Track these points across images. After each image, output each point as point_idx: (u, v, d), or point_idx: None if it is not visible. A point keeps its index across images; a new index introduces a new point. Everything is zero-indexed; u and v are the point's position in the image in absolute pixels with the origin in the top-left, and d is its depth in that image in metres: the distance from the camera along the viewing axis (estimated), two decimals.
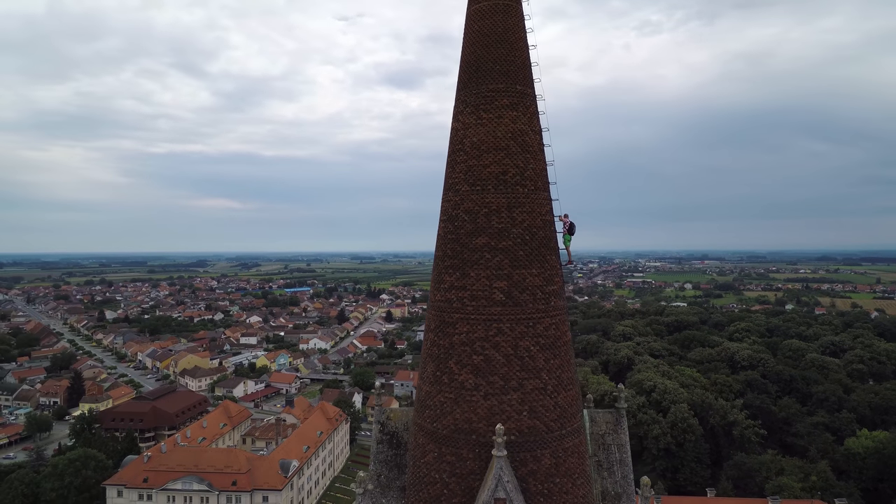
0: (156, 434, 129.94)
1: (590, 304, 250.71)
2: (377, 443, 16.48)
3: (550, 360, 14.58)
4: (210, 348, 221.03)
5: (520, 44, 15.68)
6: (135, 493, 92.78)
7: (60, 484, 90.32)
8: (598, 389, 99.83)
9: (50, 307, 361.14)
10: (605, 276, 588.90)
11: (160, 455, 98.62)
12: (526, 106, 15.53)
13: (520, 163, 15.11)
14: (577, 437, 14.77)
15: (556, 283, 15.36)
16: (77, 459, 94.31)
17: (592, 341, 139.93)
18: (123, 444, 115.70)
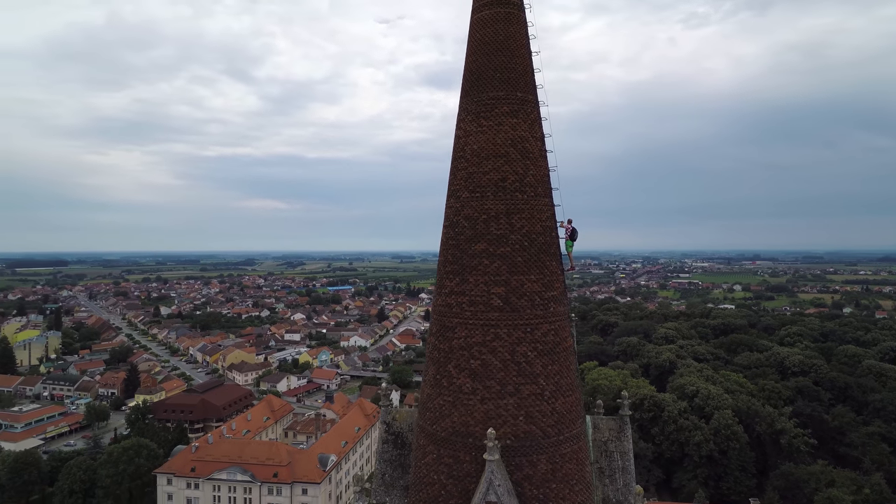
0: (204, 425, 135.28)
1: (632, 305, 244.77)
2: (382, 442, 16.96)
3: (548, 365, 14.65)
4: (256, 344, 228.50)
5: (521, 51, 15.79)
6: (183, 482, 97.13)
7: (115, 471, 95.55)
8: (636, 393, 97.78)
9: (110, 303, 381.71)
10: (649, 276, 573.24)
11: (207, 446, 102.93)
12: (527, 113, 15.64)
13: (519, 169, 15.24)
14: (575, 443, 14.78)
15: (557, 289, 15.40)
16: (131, 448, 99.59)
17: (633, 343, 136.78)
18: (174, 434, 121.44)
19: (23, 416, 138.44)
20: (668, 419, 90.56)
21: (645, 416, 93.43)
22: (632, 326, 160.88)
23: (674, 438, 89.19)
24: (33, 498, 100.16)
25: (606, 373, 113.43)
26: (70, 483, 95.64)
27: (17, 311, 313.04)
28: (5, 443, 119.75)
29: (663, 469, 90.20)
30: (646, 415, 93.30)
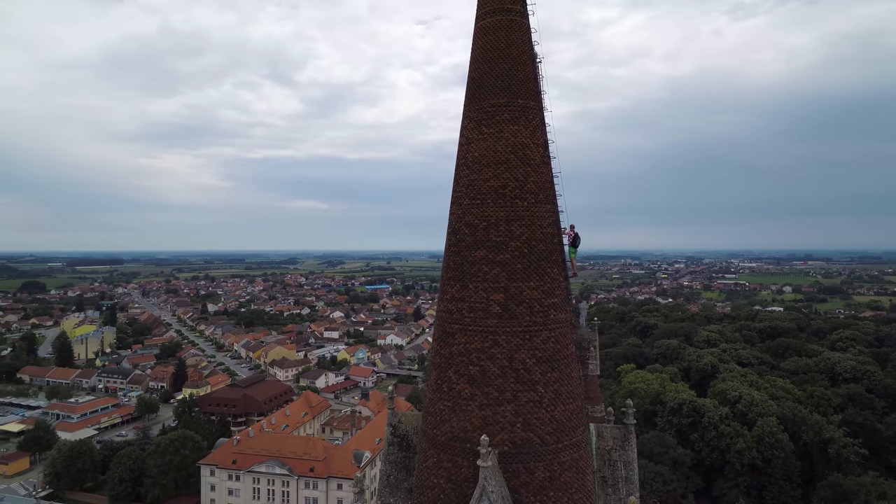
0: (246, 419, 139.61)
1: (673, 306, 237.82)
2: (388, 444, 17.29)
3: (547, 373, 14.61)
4: (297, 341, 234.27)
5: (523, 58, 15.77)
6: (225, 474, 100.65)
7: (162, 461, 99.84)
8: (675, 398, 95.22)
9: (161, 300, 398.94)
10: (693, 277, 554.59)
11: (248, 439, 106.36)
12: (528, 119, 15.62)
13: (520, 176, 15.25)
14: (575, 451, 14.69)
15: (558, 297, 15.33)
16: (177, 439, 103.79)
17: (673, 346, 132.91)
18: (217, 427, 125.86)
19: (79, 408, 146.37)
20: (709, 425, 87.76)
21: (684, 421, 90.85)
22: (672, 328, 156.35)
23: (714, 445, 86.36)
24: (87, 485, 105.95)
25: (644, 376, 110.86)
26: (120, 472, 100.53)
27: (76, 307, 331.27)
28: (62, 432, 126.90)
29: (703, 476, 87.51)
30: (685, 420, 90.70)
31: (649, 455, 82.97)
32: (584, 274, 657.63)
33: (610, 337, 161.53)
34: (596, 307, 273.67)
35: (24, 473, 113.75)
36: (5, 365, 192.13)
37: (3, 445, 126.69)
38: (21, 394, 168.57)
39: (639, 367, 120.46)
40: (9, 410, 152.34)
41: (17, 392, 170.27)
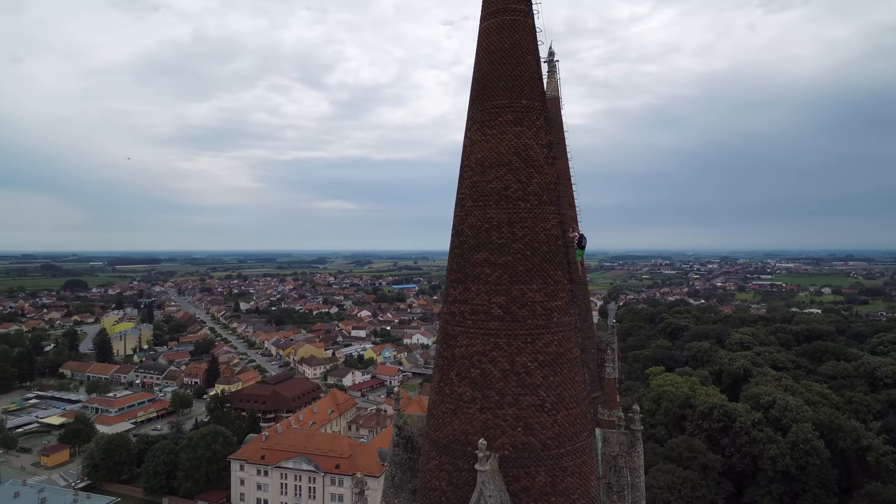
0: (275, 415, 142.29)
1: (705, 307, 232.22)
2: (393, 445, 17.37)
3: (550, 377, 14.43)
4: (325, 340, 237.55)
5: (527, 58, 15.60)
6: (254, 468, 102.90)
7: (194, 455, 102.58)
8: (705, 402, 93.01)
9: (196, 298, 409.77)
10: (726, 277, 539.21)
11: (276, 435, 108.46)
12: (532, 120, 15.45)
13: (522, 178, 15.10)
14: (578, 456, 14.46)
15: (561, 299, 15.12)
16: (208, 434, 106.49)
17: (704, 349, 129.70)
18: (247, 422, 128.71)
19: (116, 402, 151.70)
20: (741, 430, 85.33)
21: (714, 425, 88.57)
22: (703, 330, 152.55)
23: (746, 451, 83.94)
24: (123, 477, 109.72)
25: (673, 379, 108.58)
26: (155, 465, 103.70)
27: (116, 305, 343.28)
28: (101, 426, 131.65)
29: (734, 483, 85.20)
30: (715, 425, 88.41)
31: (678, 460, 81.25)
32: (613, 274, 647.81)
33: (638, 339, 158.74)
34: (624, 308, 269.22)
35: (65, 465, 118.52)
36: (49, 360, 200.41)
37: (45, 438, 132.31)
38: (63, 388, 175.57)
39: (668, 370, 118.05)
40: (51, 404, 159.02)
41: (60, 386, 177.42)
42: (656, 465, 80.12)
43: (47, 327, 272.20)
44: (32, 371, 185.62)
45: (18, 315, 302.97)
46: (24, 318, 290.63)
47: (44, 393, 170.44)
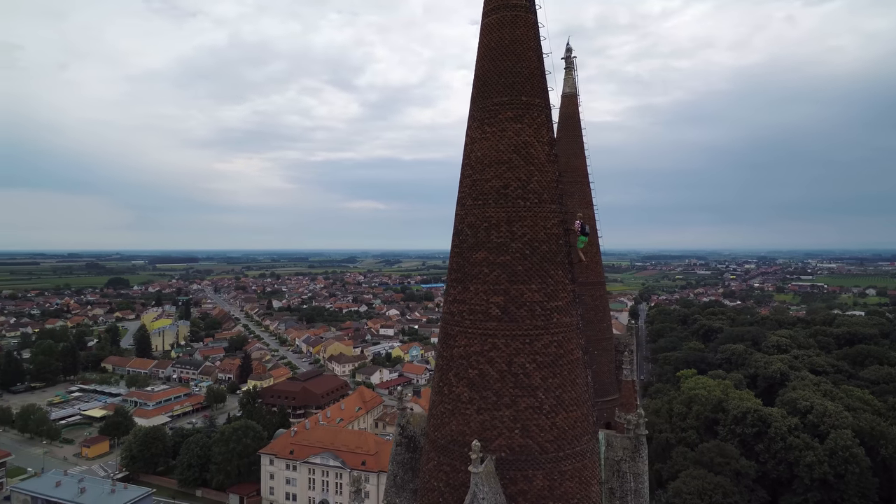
0: (304, 412, 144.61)
1: (741, 309, 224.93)
2: (396, 445, 17.34)
3: (548, 378, 14.15)
4: (354, 337, 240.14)
5: (528, 54, 15.31)
6: (283, 463, 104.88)
7: (226, 449, 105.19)
8: (739, 406, 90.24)
9: (231, 296, 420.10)
10: (764, 278, 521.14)
11: (304, 431, 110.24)
12: (532, 117, 15.16)
13: (522, 176, 14.83)
14: (578, 460, 14.14)
15: (562, 300, 14.80)
16: (240, 429, 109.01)
17: (738, 351, 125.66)
18: (277, 418, 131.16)
19: (154, 396, 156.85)
20: (776, 436, 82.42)
21: (748, 431, 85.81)
22: (738, 333, 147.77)
23: (781, 457, 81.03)
24: (159, 469, 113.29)
25: (705, 382, 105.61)
26: (189, 457, 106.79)
27: (156, 302, 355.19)
28: (139, 419, 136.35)
29: (768, 490, 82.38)
30: (749, 430, 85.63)
31: (709, 465, 79.09)
32: (645, 274, 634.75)
33: (670, 340, 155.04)
34: (656, 309, 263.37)
35: (104, 456, 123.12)
36: (92, 355, 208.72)
37: (87, 430, 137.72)
38: (104, 382, 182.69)
39: (700, 373, 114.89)
40: (93, 397, 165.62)
41: (101, 380, 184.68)
42: (686, 470, 78.17)
43: (91, 323, 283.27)
44: (76, 365, 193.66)
45: (64, 311, 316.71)
46: (70, 315, 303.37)
47: (86, 386, 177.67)
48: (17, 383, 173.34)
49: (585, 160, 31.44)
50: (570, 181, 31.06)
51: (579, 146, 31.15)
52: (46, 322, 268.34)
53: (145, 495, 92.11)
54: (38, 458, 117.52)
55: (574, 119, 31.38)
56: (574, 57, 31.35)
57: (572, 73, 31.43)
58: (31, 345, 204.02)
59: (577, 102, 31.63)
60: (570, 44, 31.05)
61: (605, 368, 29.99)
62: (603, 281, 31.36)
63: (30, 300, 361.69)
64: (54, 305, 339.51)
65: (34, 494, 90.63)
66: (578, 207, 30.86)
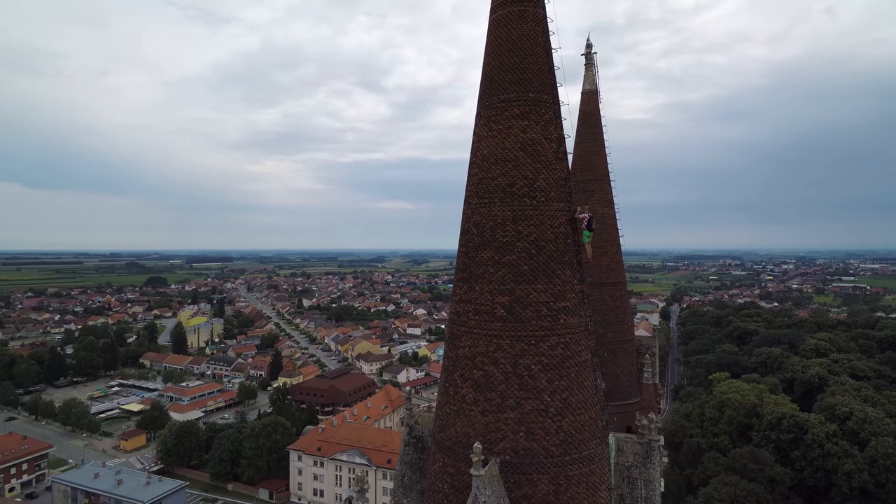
0: (332, 409, 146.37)
1: (778, 311, 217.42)
2: (404, 445, 17.26)
3: (555, 380, 13.82)
4: (382, 336, 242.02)
5: (535, 49, 14.99)
6: (310, 459, 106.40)
7: (256, 444, 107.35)
8: (774, 411, 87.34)
9: (263, 294, 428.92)
10: (803, 279, 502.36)
11: (332, 428, 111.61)
12: (540, 114, 14.83)
13: (529, 174, 14.53)
14: (586, 465, 13.77)
15: (569, 300, 14.45)
16: (269, 425, 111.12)
17: (774, 355, 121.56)
18: (306, 415, 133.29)
19: (189, 391, 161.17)
20: (813, 442, 79.47)
21: (784, 437, 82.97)
22: (774, 335, 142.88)
23: (818, 465, 78.09)
24: (193, 463, 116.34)
25: (739, 386, 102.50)
26: (221, 452, 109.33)
27: (192, 300, 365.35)
28: (174, 413, 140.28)
29: (805, 498, 79.51)
30: (784, 436, 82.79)
31: (742, 472, 76.75)
32: (677, 275, 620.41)
33: (702, 342, 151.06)
34: (688, 310, 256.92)
35: (141, 449, 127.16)
36: (130, 351, 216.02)
37: (125, 423, 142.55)
38: (142, 377, 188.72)
39: (733, 377, 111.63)
40: (131, 392, 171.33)
41: (139, 375, 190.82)
42: (718, 476, 76.05)
43: (130, 320, 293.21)
44: (116, 361, 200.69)
45: (105, 309, 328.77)
46: (111, 312, 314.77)
47: (125, 381, 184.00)
48: (61, 378, 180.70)
49: (606, 158, 30.83)
50: (590, 179, 30.56)
51: (599, 144, 30.57)
52: (89, 319, 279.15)
53: (179, 488, 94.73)
54: (79, 451, 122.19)
55: (594, 116, 30.81)
56: (594, 53, 30.76)
57: (592, 69, 30.85)
58: (74, 341, 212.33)
59: (598, 99, 31.04)
60: (590, 39, 30.52)
61: (625, 371, 29.36)
62: (623, 281, 30.69)
63: (73, 298, 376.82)
64: (96, 303, 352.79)
65: (74, 485, 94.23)
66: (599, 206, 30.31)
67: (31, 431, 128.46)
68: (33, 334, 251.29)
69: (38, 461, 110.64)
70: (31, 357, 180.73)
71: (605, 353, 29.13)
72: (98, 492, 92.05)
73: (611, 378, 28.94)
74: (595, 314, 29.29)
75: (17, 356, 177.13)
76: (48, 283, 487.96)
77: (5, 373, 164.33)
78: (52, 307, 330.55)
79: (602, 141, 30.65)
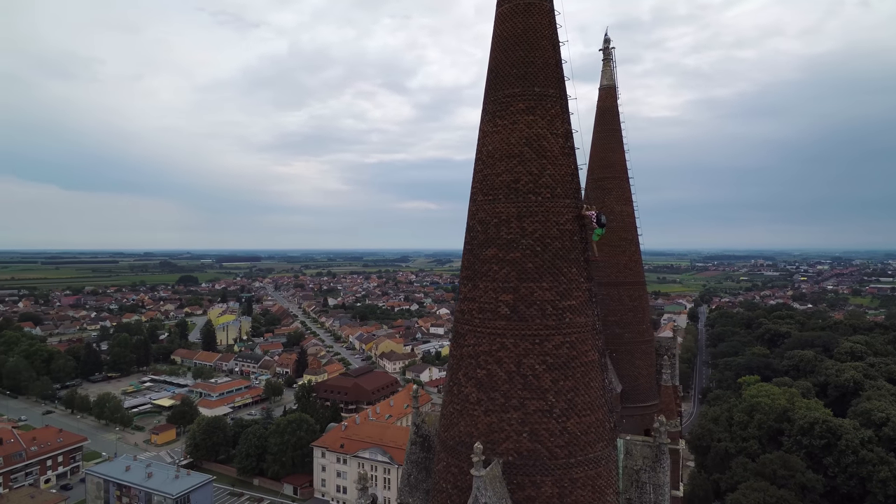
0: (356, 407, 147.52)
1: (811, 313, 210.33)
2: (411, 444, 17.16)
3: (559, 381, 13.51)
4: (405, 335, 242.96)
5: (541, 43, 14.67)
6: (334, 456, 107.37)
7: (281, 440, 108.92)
8: (806, 416, 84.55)
9: (290, 293, 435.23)
10: (839, 280, 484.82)
11: (355, 426, 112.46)
12: (545, 108, 14.51)
13: (534, 169, 14.24)
14: (592, 468, 13.43)
15: (575, 299, 14.10)
16: (294, 421, 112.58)
17: (807, 358, 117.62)
18: (330, 412, 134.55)
19: (217, 387, 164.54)
20: (847, 448, 76.61)
21: (816, 442, 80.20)
22: (808, 338, 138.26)
23: (852, 472, 75.23)
24: (220, 457, 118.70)
25: (769, 389, 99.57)
26: (247, 447, 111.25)
27: (221, 298, 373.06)
28: (203, 409, 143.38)
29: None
30: (817, 441, 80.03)
31: (772, 477, 74.49)
32: (706, 275, 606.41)
33: (731, 344, 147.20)
34: (717, 311, 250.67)
35: (171, 443, 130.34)
36: (162, 348, 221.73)
37: (156, 418, 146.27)
38: (173, 373, 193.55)
39: (764, 380, 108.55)
40: (162, 387, 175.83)
41: (171, 371, 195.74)
42: (747, 482, 73.95)
43: (162, 318, 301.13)
44: (148, 357, 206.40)
45: (139, 307, 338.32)
46: (144, 310, 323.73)
47: (157, 377, 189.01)
48: (96, 373, 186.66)
49: (624, 154, 30.24)
50: (607, 177, 29.99)
51: (617, 140, 30.00)
52: (123, 316, 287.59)
53: (206, 482, 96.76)
54: (112, 444, 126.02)
55: (612, 112, 30.24)
56: (613, 48, 30.22)
57: (610, 64, 30.32)
58: (109, 337, 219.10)
59: (616, 95, 30.46)
60: (607, 35, 29.99)
61: (644, 372, 28.74)
62: (642, 280, 30.02)
63: (109, 296, 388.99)
64: (131, 301, 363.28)
65: (106, 478, 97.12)
66: (616, 204, 29.74)
67: (67, 425, 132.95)
68: (70, 331, 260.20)
69: (73, 454, 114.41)
70: (67, 353, 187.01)
71: (622, 355, 28.57)
72: (129, 484, 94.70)
73: (629, 380, 28.37)
74: (612, 314, 28.75)
75: (54, 352, 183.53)
76: (85, 281, 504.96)
77: (43, 368, 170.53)
78: (88, 305, 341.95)
79: (620, 137, 30.08)
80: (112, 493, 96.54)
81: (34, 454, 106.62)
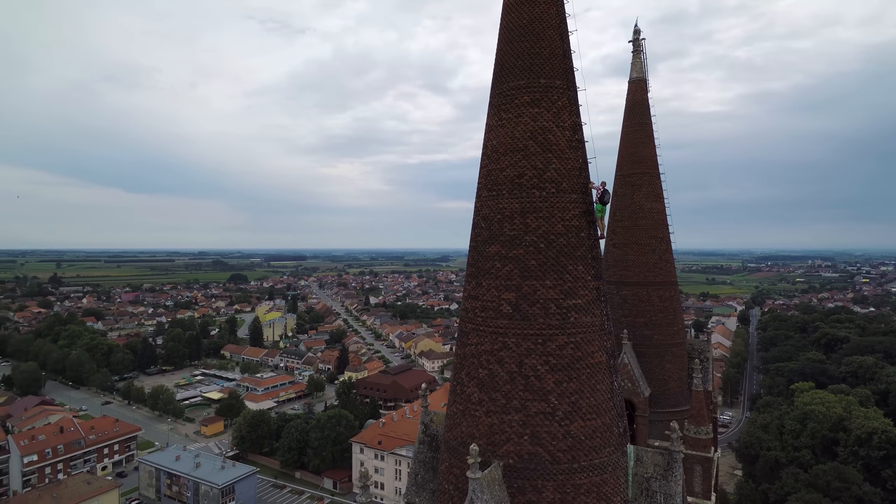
0: (394, 404, 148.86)
1: (873, 317, 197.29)
2: (419, 443, 16.98)
3: (563, 383, 13.00)
4: (444, 335, 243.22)
5: (548, 33, 14.15)
6: (372, 452, 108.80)
7: (321, 435, 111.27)
8: (864, 425, 79.58)
9: (333, 292, 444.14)
10: None
11: (392, 423, 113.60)
12: (551, 101, 14.00)
13: (538, 164, 13.76)
14: (598, 474, 12.86)
15: (581, 297, 13.55)
16: (334, 417, 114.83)
17: (867, 364, 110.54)
18: (368, 409, 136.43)
19: (263, 382, 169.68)
20: None
21: (874, 453, 75.37)
22: (868, 343, 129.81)
23: None
24: (264, 450, 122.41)
25: (824, 397, 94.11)
26: (289, 441, 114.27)
27: (269, 296, 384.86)
28: (249, 402, 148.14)
29: None
30: (875, 452, 75.18)
31: (825, 490, 70.45)
32: (759, 276, 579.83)
33: (784, 349, 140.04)
34: (769, 314, 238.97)
35: (219, 435, 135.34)
36: (213, 343, 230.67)
37: (206, 410, 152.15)
38: (223, 367, 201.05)
39: (818, 387, 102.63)
40: (212, 381, 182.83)
41: (220, 366, 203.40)
42: (798, 493, 70.24)
43: (214, 314, 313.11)
44: (200, 352, 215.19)
45: (192, 303, 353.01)
46: (197, 306, 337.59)
47: (207, 371, 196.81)
48: (151, 366, 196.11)
49: (655, 150, 29.11)
50: (637, 172, 28.98)
51: (647, 134, 28.90)
52: (178, 313, 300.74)
53: (250, 473, 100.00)
54: (164, 434, 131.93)
55: (642, 106, 29.18)
56: (642, 40, 29.14)
57: (640, 57, 29.27)
58: (164, 332, 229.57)
59: (646, 88, 29.38)
60: (637, 26, 28.95)
61: (674, 376, 27.61)
62: (674, 280, 28.82)
63: (165, 293, 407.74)
64: (185, 298, 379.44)
65: (158, 466, 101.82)
66: (646, 201, 28.70)
67: (123, 415, 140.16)
68: (129, 326, 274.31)
69: (128, 443, 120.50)
70: (126, 346, 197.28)
71: (651, 357, 27.55)
72: (179, 473, 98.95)
73: (658, 384, 27.33)
74: (641, 315, 27.76)
75: (114, 346, 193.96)
76: (144, 279, 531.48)
77: (103, 361, 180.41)
78: (146, 301, 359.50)
79: (650, 132, 28.95)
80: (163, 482, 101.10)
81: (92, 442, 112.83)
